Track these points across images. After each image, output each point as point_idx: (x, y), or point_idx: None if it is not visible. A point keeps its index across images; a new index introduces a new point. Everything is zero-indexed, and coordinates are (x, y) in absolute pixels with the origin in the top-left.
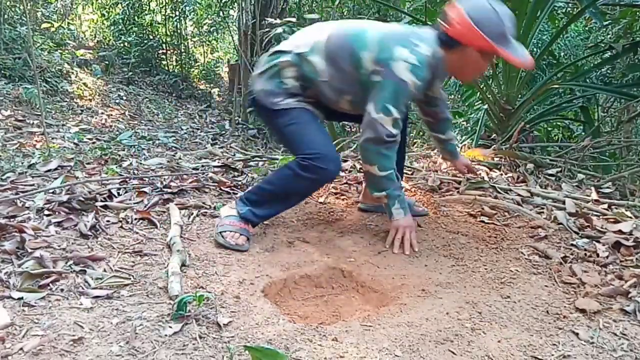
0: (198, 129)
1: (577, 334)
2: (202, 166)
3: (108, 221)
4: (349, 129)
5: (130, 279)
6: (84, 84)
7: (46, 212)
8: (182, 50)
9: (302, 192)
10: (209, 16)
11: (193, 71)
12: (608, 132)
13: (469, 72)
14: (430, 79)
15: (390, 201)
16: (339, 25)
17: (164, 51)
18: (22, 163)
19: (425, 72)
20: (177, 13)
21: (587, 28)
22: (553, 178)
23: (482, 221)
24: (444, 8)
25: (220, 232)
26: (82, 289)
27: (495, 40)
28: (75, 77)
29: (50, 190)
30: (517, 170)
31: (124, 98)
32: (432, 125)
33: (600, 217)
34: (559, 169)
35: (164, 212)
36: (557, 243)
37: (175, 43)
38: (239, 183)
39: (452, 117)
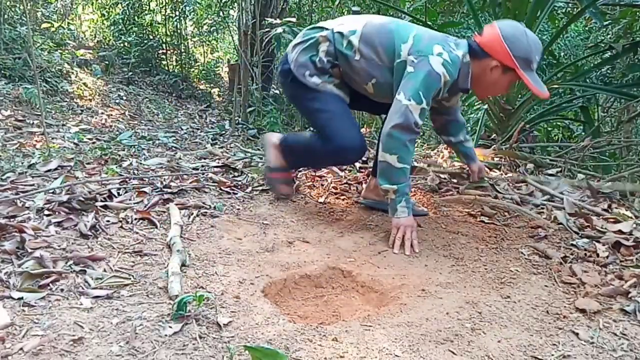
0: (198, 129)
1: (577, 334)
2: (202, 166)
3: (108, 221)
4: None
5: (130, 279)
6: (84, 84)
7: (46, 212)
8: (182, 50)
9: (324, 165)
10: (209, 16)
11: (193, 71)
12: (608, 132)
13: (488, 88)
14: (455, 82)
15: (398, 197)
16: (377, 16)
17: (164, 51)
18: (22, 163)
19: (455, 72)
20: (177, 13)
21: (587, 28)
22: (553, 178)
23: (482, 221)
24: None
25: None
26: (82, 289)
27: (518, 61)
28: (75, 77)
29: (50, 190)
30: (517, 170)
31: (124, 98)
32: (440, 128)
33: (600, 217)
34: (559, 169)
35: (164, 212)
36: (557, 243)
37: (175, 43)
38: (239, 183)
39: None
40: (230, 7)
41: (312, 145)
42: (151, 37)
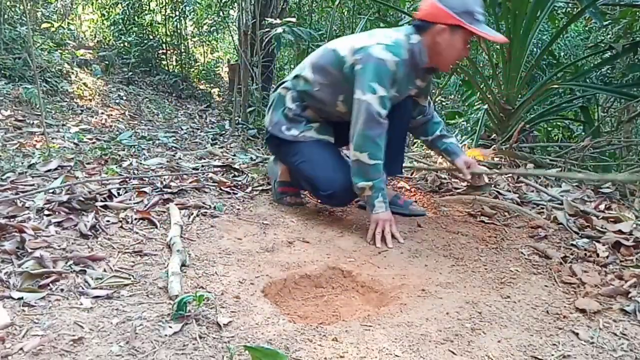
0: (198, 129)
1: (577, 334)
2: (202, 166)
3: (108, 221)
4: None
5: (130, 279)
6: (84, 84)
7: (46, 212)
8: (182, 50)
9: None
10: (209, 16)
11: (193, 71)
12: (608, 132)
13: (446, 55)
14: (413, 62)
15: (374, 193)
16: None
17: (164, 51)
18: (22, 163)
19: (402, 52)
20: (177, 13)
21: (587, 28)
22: (553, 178)
23: (482, 221)
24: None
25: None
26: (82, 289)
27: (460, 16)
28: (75, 77)
29: (50, 190)
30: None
31: (124, 98)
32: (416, 130)
33: (600, 217)
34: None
35: (164, 212)
36: (557, 243)
37: (175, 43)
38: (239, 183)
39: (442, 118)
40: (230, 7)
41: (310, 189)
42: (151, 37)
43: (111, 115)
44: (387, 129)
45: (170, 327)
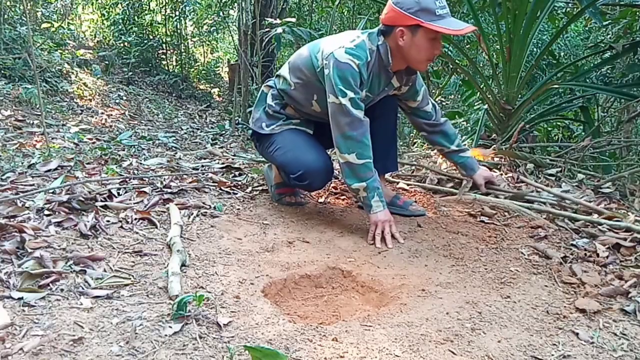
0: (198, 129)
1: (577, 334)
2: (202, 166)
3: (108, 221)
4: None
5: (130, 279)
6: (84, 84)
7: (46, 212)
8: (182, 50)
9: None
10: (209, 16)
11: (193, 71)
12: (608, 132)
13: (414, 56)
14: (379, 67)
15: (369, 193)
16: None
17: (164, 51)
18: (22, 163)
19: (365, 54)
20: (177, 13)
21: (587, 28)
22: (553, 178)
23: (482, 221)
24: None
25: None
26: (82, 289)
27: (417, 15)
28: (75, 77)
29: (50, 190)
30: (517, 170)
31: (124, 98)
32: (427, 137)
33: (600, 217)
34: (559, 169)
35: (164, 212)
36: (557, 243)
37: (175, 43)
38: (239, 183)
39: (452, 126)
40: (230, 7)
41: (286, 178)
42: (151, 37)
43: (111, 115)
44: (374, 128)
45: (170, 327)
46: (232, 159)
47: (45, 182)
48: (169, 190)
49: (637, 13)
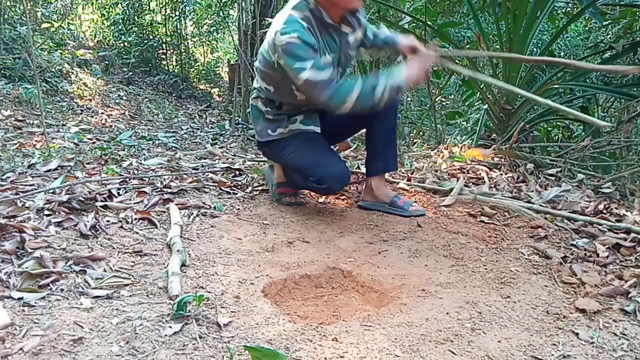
0: (198, 129)
1: (577, 334)
2: (202, 166)
3: (108, 221)
4: None
5: (130, 279)
6: (84, 84)
7: (46, 212)
8: (182, 50)
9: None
10: (209, 16)
11: (193, 71)
12: (608, 132)
13: None
14: (320, 26)
15: (389, 80)
16: None
17: (164, 51)
18: (22, 163)
19: (297, 24)
20: (177, 13)
21: (587, 28)
22: (553, 178)
23: (482, 221)
24: None
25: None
26: (82, 289)
27: None
28: (75, 77)
29: (50, 190)
30: (517, 170)
31: (124, 98)
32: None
33: (600, 216)
34: (559, 169)
35: (164, 212)
36: (557, 243)
37: (175, 43)
38: (239, 183)
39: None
40: (230, 7)
41: (302, 180)
42: (151, 37)
43: (111, 115)
44: (374, 128)
45: (170, 327)
46: (232, 159)
47: (45, 182)
48: (169, 190)
49: (637, 13)
